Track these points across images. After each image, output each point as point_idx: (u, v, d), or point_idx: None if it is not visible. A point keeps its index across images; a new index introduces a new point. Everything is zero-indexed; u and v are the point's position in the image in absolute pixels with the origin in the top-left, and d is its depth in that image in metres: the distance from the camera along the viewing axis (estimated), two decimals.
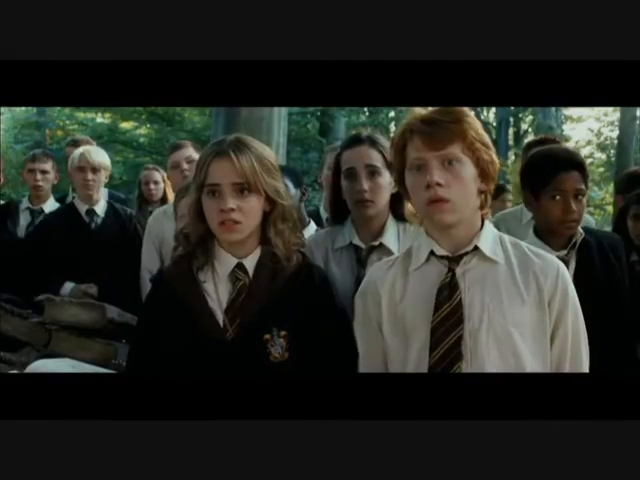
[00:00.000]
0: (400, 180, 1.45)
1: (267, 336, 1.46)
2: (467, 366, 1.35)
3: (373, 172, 1.89)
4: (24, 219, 3.43)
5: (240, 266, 1.51)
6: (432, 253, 1.43)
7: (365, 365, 1.50)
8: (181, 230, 1.56)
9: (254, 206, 1.47)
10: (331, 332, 1.52)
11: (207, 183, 1.46)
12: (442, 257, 1.42)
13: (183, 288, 1.51)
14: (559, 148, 2.05)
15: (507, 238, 1.47)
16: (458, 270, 1.40)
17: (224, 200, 1.44)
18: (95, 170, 2.95)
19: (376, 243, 1.93)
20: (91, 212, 3.01)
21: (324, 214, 3.00)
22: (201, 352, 1.46)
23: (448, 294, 1.39)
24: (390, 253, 1.89)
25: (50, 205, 3.46)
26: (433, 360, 1.36)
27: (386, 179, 1.91)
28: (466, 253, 1.41)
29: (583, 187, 1.89)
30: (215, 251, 1.52)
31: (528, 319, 1.37)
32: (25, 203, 3.48)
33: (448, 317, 1.37)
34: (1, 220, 3.39)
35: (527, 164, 2.02)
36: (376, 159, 1.90)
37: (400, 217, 1.97)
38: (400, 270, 1.48)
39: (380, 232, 1.94)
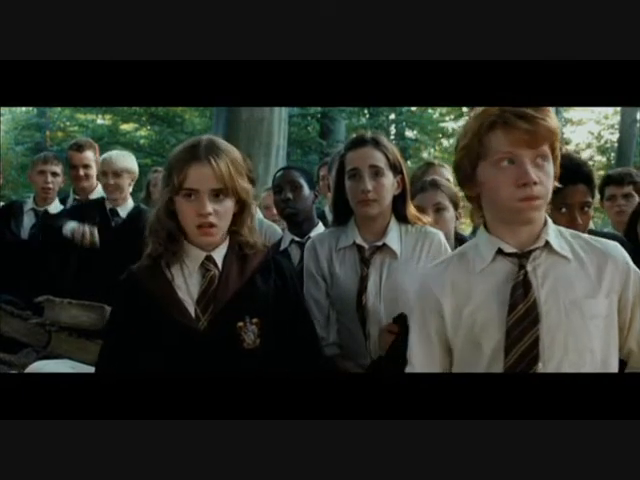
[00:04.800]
0: (461, 166, 1.39)
1: (240, 324, 1.51)
2: (543, 367, 1.30)
3: (377, 173, 1.92)
4: (28, 220, 3.44)
5: (209, 258, 1.56)
6: (498, 251, 1.37)
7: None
8: (149, 229, 1.57)
9: (228, 209, 1.53)
10: (297, 321, 1.61)
11: (185, 187, 1.49)
12: (510, 255, 1.36)
13: (153, 284, 1.55)
14: (565, 159, 2.01)
15: (564, 230, 1.42)
16: (528, 267, 1.35)
17: (202, 204, 1.48)
18: (117, 175, 3.01)
19: (379, 243, 1.94)
20: (114, 211, 3.07)
21: (329, 216, 3.02)
22: (176, 344, 1.49)
23: (523, 292, 1.33)
24: (393, 253, 1.94)
25: (55, 206, 3.47)
26: (509, 363, 1.31)
27: (389, 180, 1.93)
28: (535, 249, 1.36)
29: (589, 199, 1.87)
30: (184, 246, 1.56)
31: (602, 311, 1.33)
32: (29, 204, 3.48)
33: (524, 317, 1.31)
34: (5, 221, 3.40)
35: None
36: (380, 160, 1.92)
37: (403, 218, 1.99)
38: (460, 272, 1.41)
39: (383, 233, 1.96)
